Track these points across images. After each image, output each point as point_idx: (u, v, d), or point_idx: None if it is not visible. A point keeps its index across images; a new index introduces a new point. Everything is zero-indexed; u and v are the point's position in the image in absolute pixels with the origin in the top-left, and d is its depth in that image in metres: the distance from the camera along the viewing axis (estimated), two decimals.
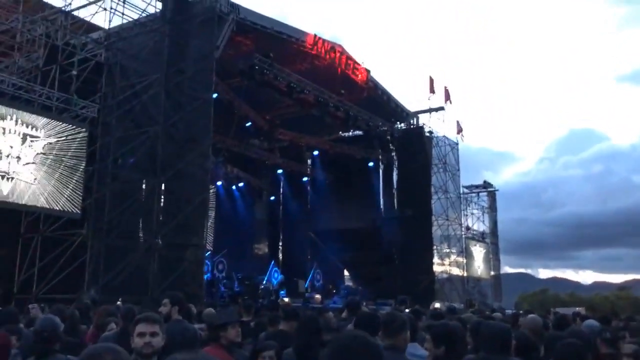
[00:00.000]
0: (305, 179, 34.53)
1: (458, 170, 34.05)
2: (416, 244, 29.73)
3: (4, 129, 15.08)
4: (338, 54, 26.56)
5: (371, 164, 32.82)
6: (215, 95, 20.49)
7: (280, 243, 35.02)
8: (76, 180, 16.53)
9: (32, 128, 15.57)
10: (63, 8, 18.77)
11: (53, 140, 16.02)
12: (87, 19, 19.08)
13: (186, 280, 16.83)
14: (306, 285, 29.10)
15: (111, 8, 18.30)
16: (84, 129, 17.03)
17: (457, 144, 33.98)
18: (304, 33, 25.24)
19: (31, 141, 15.52)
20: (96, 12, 18.79)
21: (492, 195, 41.53)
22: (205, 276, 21.19)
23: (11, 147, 15.15)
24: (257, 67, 23.08)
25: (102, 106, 18.03)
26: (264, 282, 26.97)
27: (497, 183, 46.32)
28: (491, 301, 38.97)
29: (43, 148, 15.80)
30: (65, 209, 16.28)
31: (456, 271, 33.85)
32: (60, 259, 16.37)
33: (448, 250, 33.20)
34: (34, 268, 16.72)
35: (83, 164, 16.81)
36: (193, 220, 18.08)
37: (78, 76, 17.56)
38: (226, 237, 28.85)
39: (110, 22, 18.52)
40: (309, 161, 34.65)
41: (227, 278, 25.48)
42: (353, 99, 28.48)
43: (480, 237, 38.70)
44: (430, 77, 31.92)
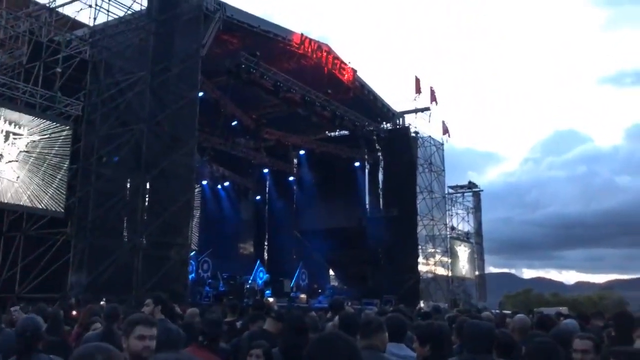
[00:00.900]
0: (291, 179, 34.52)
1: (443, 170, 34.23)
2: (401, 244, 29.83)
3: None
4: (325, 54, 26.57)
5: (357, 164, 32.87)
6: (201, 93, 20.38)
7: (265, 242, 34.97)
8: (60, 178, 16.36)
9: (15, 126, 15.39)
10: (47, 4, 18.60)
11: (36, 138, 15.84)
12: (72, 16, 18.88)
13: (171, 279, 16.72)
14: (292, 284, 29.05)
15: (96, 5, 18.13)
16: (68, 127, 16.85)
17: (443, 145, 34.17)
18: (291, 32, 25.21)
19: (14, 139, 15.33)
20: (81, 9, 18.63)
21: (477, 195, 41.82)
22: (190, 276, 21.10)
23: None
24: (244, 66, 23.00)
25: (87, 104, 17.85)
26: (249, 282, 26.92)
27: (482, 183, 46.72)
28: (475, 301, 39.23)
29: (26, 146, 15.62)
30: (48, 208, 16.11)
31: (441, 271, 34.03)
32: (43, 258, 16.19)
33: (433, 250, 33.37)
34: (17, 267, 16.53)
35: (67, 162, 16.64)
36: (178, 219, 17.97)
37: (62, 73, 17.35)
38: (211, 237, 28.76)
39: (95, 19, 18.35)
40: (295, 160, 34.64)
41: (212, 278, 25.40)
42: (339, 99, 28.50)
43: (465, 237, 38.94)
44: (416, 77, 32.07)
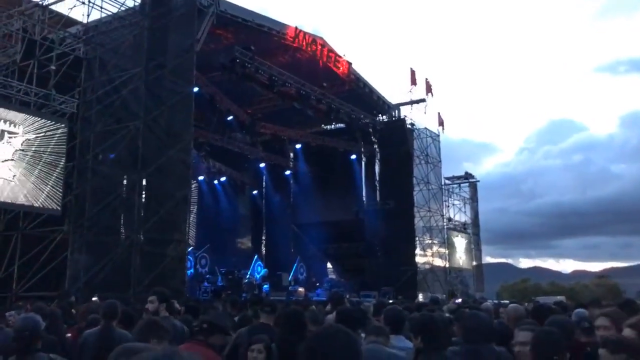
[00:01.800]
0: (287, 173, 34.53)
1: (439, 161, 34.28)
2: (398, 236, 29.93)
3: None
4: (319, 47, 26.53)
5: (353, 157, 32.91)
6: (196, 89, 20.35)
7: (263, 237, 35.02)
8: (56, 176, 16.33)
9: (10, 124, 15.34)
10: (40, 2, 18.47)
11: (32, 136, 15.80)
12: (65, 13, 18.78)
13: (169, 275, 16.73)
14: (290, 278, 29.10)
15: (89, 2, 18.01)
16: (63, 125, 16.80)
17: (439, 136, 34.21)
18: (285, 26, 25.15)
19: (9, 137, 15.29)
20: (74, 6, 18.47)
21: (474, 186, 41.87)
22: (188, 271, 21.12)
23: None
24: (238, 61, 22.96)
25: (82, 101, 17.82)
26: (248, 277, 26.96)
27: (478, 174, 46.75)
28: (473, 291, 39.38)
29: (22, 144, 15.58)
30: (45, 206, 16.09)
31: (438, 262, 34.12)
32: (40, 257, 16.17)
33: (430, 241, 33.45)
34: (14, 266, 16.49)
35: (63, 160, 16.59)
36: (175, 215, 17.98)
37: (57, 71, 17.28)
38: (209, 232, 28.77)
39: (88, 16, 18.24)
40: (291, 154, 34.64)
41: (210, 273, 25.43)
42: (335, 92, 28.51)
43: (461, 228, 39.03)
44: (411, 69, 32.05)
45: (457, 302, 16.21)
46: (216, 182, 31.17)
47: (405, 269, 29.57)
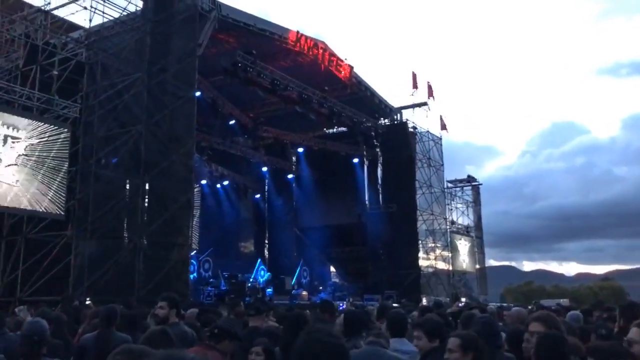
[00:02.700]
0: (290, 176, 34.53)
1: (442, 165, 34.25)
2: (401, 239, 29.88)
3: None
4: (321, 51, 26.56)
5: (356, 160, 32.89)
6: (198, 93, 20.41)
7: (266, 241, 35.01)
8: (59, 181, 16.35)
9: (14, 129, 15.38)
10: (42, 7, 18.53)
11: (35, 141, 15.83)
12: (68, 18, 18.86)
13: (172, 279, 16.74)
14: (293, 282, 29.12)
15: (91, 7, 18.05)
16: (66, 129, 16.83)
17: (441, 139, 34.18)
18: (287, 30, 25.20)
19: (12, 142, 15.32)
20: (76, 11, 18.57)
21: (476, 189, 41.84)
22: (191, 275, 21.13)
23: None
24: (240, 65, 23.01)
25: (84, 106, 17.84)
26: (251, 280, 26.96)
27: (481, 177, 46.84)
28: (477, 294, 39.28)
29: (25, 149, 15.60)
30: (48, 210, 16.11)
31: (442, 265, 34.06)
32: (44, 261, 16.17)
33: (433, 244, 33.39)
34: (18, 270, 16.52)
35: (66, 165, 16.62)
36: (178, 219, 18.00)
37: (59, 76, 17.33)
38: (212, 236, 28.78)
39: (90, 21, 18.27)
40: (294, 158, 34.66)
41: (214, 277, 25.45)
42: (337, 96, 28.55)
43: (464, 231, 38.96)
44: (413, 73, 32.08)
45: (460, 305, 16.19)
46: (219, 186, 31.19)
47: (408, 273, 29.52)
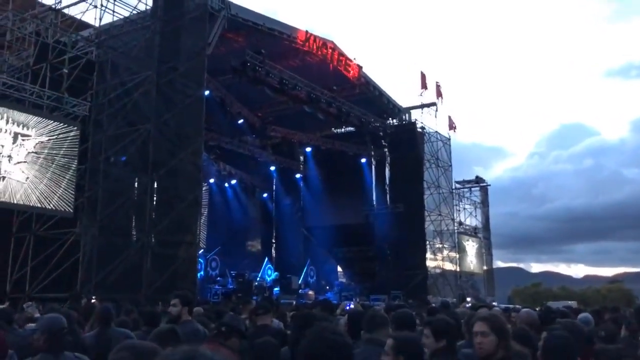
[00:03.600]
0: (298, 176, 34.57)
1: (450, 165, 34.18)
2: (409, 240, 29.82)
3: None
4: (330, 50, 26.57)
5: (364, 160, 32.89)
6: (207, 92, 20.47)
7: (273, 240, 35.06)
8: (68, 178, 16.44)
9: (24, 127, 15.48)
10: (53, 6, 18.65)
11: (44, 139, 15.93)
12: (78, 17, 18.92)
13: (179, 278, 16.82)
14: (299, 281, 29.16)
15: (102, 5, 18.16)
16: (76, 127, 16.91)
17: (449, 140, 34.11)
18: (296, 29, 25.22)
19: (22, 140, 15.42)
20: (87, 10, 18.63)
21: (484, 190, 41.68)
22: (198, 274, 21.20)
23: (2, 147, 15.04)
24: (249, 64, 23.05)
25: (94, 104, 17.92)
26: (258, 279, 27.02)
27: (489, 178, 46.69)
28: (484, 296, 39.14)
29: (34, 147, 15.70)
30: (57, 208, 16.19)
31: (449, 266, 34.00)
32: (52, 258, 16.29)
33: (441, 245, 33.33)
34: (27, 267, 16.63)
35: (75, 163, 16.70)
36: (186, 217, 18.05)
37: (69, 74, 17.44)
38: (219, 235, 28.86)
39: (100, 20, 18.38)
40: (302, 158, 34.69)
41: (221, 276, 25.52)
42: (345, 95, 28.55)
43: (472, 232, 38.84)
44: (421, 73, 32.01)
45: (467, 306, 16.16)
46: (227, 185, 31.27)
47: (415, 273, 29.47)
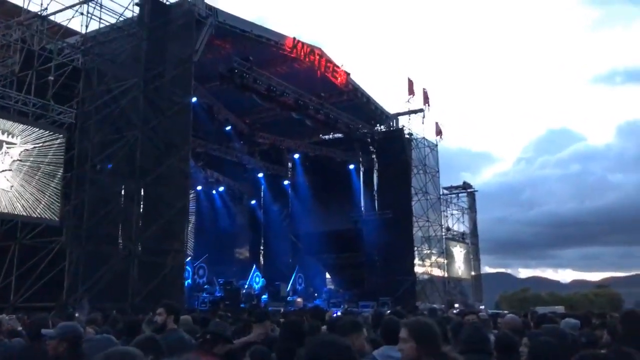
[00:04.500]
0: (286, 182, 34.51)
1: (437, 171, 34.30)
2: (397, 246, 29.87)
3: None
4: (317, 57, 26.62)
5: (352, 166, 32.92)
6: (194, 99, 20.42)
7: (261, 247, 34.95)
8: (54, 186, 16.31)
9: (9, 135, 15.35)
10: (39, 13, 18.54)
11: (30, 146, 15.80)
12: (64, 24, 18.85)
13: (167, 286, 16.72)
14: (288, 289, 29.03)
15: (88, 12, 18.11)
16: (62, 135, 16.80)
17: (437, 146, 34.25)
18: (283, 36, 25.25)
19: (7, 148, 15.29)
20: (73, 17, 18.59)
21: (472, 195, 41.85)
22: (186, 282, 21.07)
23: None
24: (237, 71, 23.05)
25: (80, 111, 17.80)
26: (246, 287, 26.88)
27: (476, 184, 46.97)
28: (472, 301, 39.26)
29: (20, 155, 15.57)
30: (43, 216, 16.05)
31: (437, 272, 34.05)
32: (38, 267, 16.13)
33: (429, 251, 33.39)
34: (12, 276, 16.47)
35: (61, 170, 16.58)
36: (173, 225, 17.99)
37: (55, 81, 17.32)
38: (207, 242, 28.73)
39: (87, 27, 18.33)
40: (290, 164, 34.66)
41: (209, 283, 25.36)
42: (333, 102, 28.61)
43: (460, 238, 38.98)
44: (409, 79, 32.15)
45: (455, 312, 16.20)
46: (214, 192, 31.16)
47: (404, 279, 29.51)
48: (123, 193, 18.28)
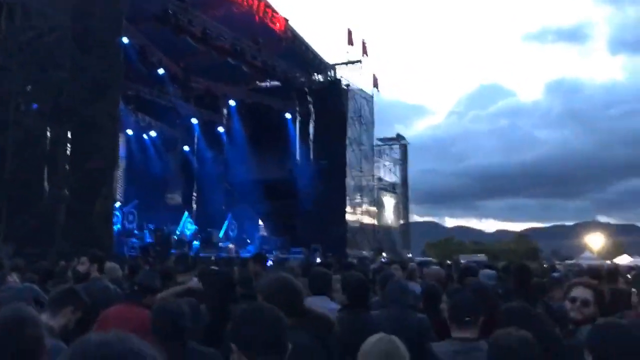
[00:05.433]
0: (220, 129, 33.94)
1: (372, 123, 34.72)
2: (330, 195, 30.32)
3: None
4: (256, 1, 25.96)
5: (288, 116, 32.79)
6: (125, 39, 19.69)
7: (194, 193, 34.61)
8: None
9: None
10: None
11: None
12: None
13: (94, 231, 16.43)
14: (220, 235, 29.10)
15: None
16: None
17: (373, 97, 34.55)
18: None
19: None
20: None
21: (404, 147, 42.82)
22: (115, 227, 20.77)
23: None
24: (171, 12, 22.20)
25: (2, 49, 16.84)
26: (177, 233, 26.78)
27: (409, 135, 47.84)
28: (400, 249, 40.71)
29: None
30: None
31: (367, 220, 34.93)
32: None
33: (360, 200, 34.10)
34: None
35: None
36: (102, 170, 17.53)
37: None
38: (137, 188, 28.28)
39: None
40: (225, 111, 34.07)
41: (138, 229, 25.07)
42: (271, 49, 28.09)
43: (391, 188, 40.02)
44: (348, 30, 32.02)
45: (383, 261, 16.83)
46: (146, 137, 30.45)
47: (335, 227, 30.12)
48: (49, 136, 17.59)
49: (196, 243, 26.51)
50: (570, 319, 3.44)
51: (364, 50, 32.52)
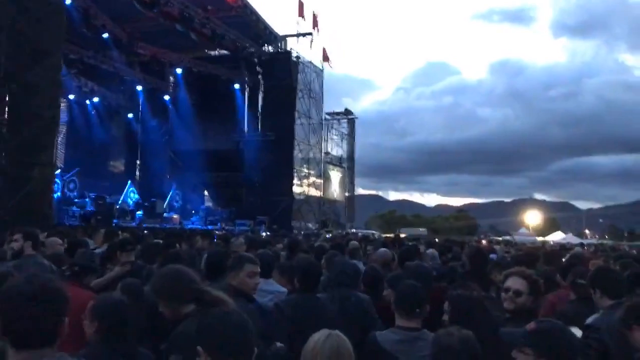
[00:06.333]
0: (166, 97, 33.17)
1: (322, 96, 34.72)
2: (277, 167, 30.32)
3: None
4: None
5: (237, 86, 32.33)
6: (68, 1, 18.91)
7: (138, 162, 33.92)
8: None
9: None
10: None
11: None
12: None
13: (34, 200, 15.92)
14: (164, 205, 28.73)
15: None
16: None
17: (322, 71, 34.47)
18: None
19: None
20: None
21: (352, 122, 43.22)
22: (55, 195, 20.19)
23: None
24: None
25: None
26: (120, 202, 26.27)
27: (356, 110, 48.24)
28: (344, 221, 41.31)
29: None
30: None
31: (314, 192, 35.18)
32: None
33: (307, 172, 34.24)
34: None
35: None
36: (42, 136, 16.88)
37: None
38: (79, 155, 27.50)
39: None
40: (171, 79, 33.31)
41: (79, 197, 24.44)
42: (220, 17, 27.50)
43: (338, 162, 40.38)
44: (299, 1, 31.62)
45: (328, 237, 16.95)
46: (88, 103, 29.50)
47: (281, 199, 30.21)
48: None
49: (139, 213, 26.09)
50: (504, 309, 3.58)
51: (315, 23, 32.33)
